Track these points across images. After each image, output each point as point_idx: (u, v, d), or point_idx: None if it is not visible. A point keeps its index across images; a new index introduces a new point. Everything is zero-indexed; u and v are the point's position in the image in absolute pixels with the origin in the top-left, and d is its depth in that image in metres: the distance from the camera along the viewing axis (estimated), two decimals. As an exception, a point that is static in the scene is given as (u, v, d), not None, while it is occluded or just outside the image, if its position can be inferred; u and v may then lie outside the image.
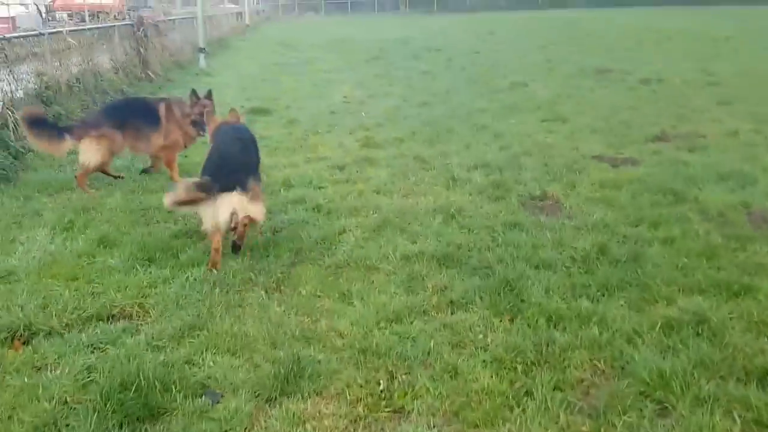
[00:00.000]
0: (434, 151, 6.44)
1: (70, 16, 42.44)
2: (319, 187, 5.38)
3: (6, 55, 6.51)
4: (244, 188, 3.72)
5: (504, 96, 9.71)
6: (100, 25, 11.58)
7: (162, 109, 5.58)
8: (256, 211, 3.80)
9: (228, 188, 3.65)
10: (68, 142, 5.19)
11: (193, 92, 5.62)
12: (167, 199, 3.69)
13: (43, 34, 7.57)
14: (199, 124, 5.48)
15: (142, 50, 11.78)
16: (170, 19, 18.15)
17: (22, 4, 40.79)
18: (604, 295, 3.22)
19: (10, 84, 6.47)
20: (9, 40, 6.87)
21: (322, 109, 9.50)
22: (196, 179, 3.79)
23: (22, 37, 7.36)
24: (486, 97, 9.70)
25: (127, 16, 15.17)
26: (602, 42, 17.92)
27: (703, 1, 48.89)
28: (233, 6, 36.79)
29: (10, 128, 6.08)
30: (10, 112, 6.32)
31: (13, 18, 34.86)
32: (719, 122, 7.44)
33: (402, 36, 26.41)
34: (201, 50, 15.16)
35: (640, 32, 20.76)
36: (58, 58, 7.77)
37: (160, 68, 12.60)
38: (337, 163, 6.14)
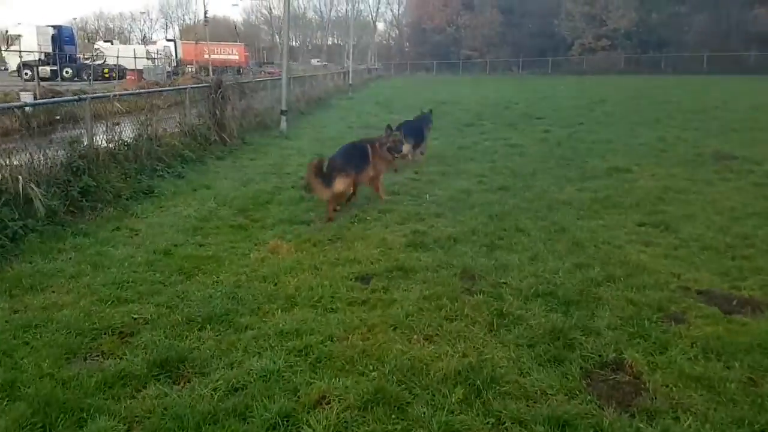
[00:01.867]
0: (490, 262, 5.13)
1: (197, 70, 45.86)
2: (328, 310, 4.25)
3: (29, 123, 6.08)
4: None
5: (598, 184, 8.20)
6: (168, 89, 11.39)
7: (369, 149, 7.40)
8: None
9: None
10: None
11: (389, 126, 7.91)
12: None
13: (84, 99, 7.21)
14: (393, 149, 7.59)
15: (217, 112, 11.46)
16: (260, 81, 18.18)
17: (149, 58, 44.47)
18: None
19: (33, 154, 6.00)
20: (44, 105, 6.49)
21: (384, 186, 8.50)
22: None
23: (58, 102, 7.00)
24: (576, 184, 8.23)
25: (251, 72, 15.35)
26: (727, 119, 15.71)
27: None
28: (336, 66, 37.77)
29: (19, 203, 5.51)
30: (31, 187, 5.81)
31: (140, 70, 37.98)
32: None
33: (506, 100, 25.30)
34: (283, 112, 14.83)
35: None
36: (105, 123, 7.37)
37: (237, 131, 12.23)
38: (366, 270, 5.00)
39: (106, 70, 40.30)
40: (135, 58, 38.18)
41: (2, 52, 43.84)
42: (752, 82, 34.57)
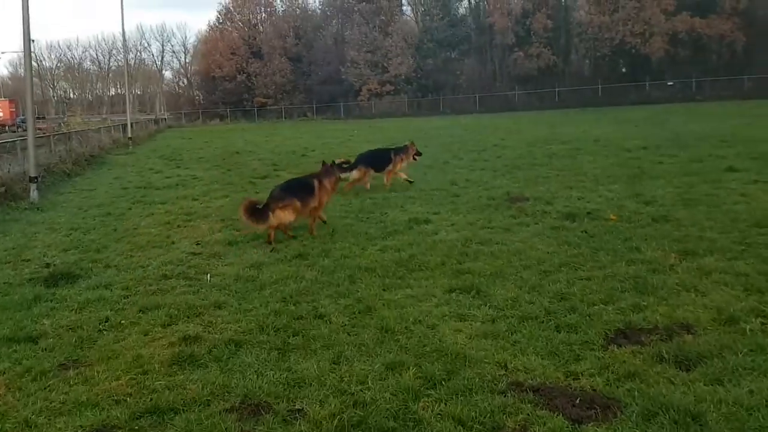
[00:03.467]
0: (282, 376, 3.91)
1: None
2: None
3: None
4: None
5: (401, 241, 7.48)
6: None
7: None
8: None
9: None
10: None
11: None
12: None
13: None
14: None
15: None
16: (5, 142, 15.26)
17: None
18: None
19: None
20: None
21: (154, 268, 6.91)
22: None
23: None
24: (378, 243, 7.42)
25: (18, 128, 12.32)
26: (509, 156, 16.55)
27: (587, 102, 51.64)
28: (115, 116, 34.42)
29: None
30: None
31: None
32: (702, 293, 4.88)
33: (302, 147, 24.58)
34: (32, 180, 12.25)
35: (548, 141, 19.86)
36: None
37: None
38: (102, 420, 3.47)
39: None
40: None
41: None
42: (520, 119, 38.49)
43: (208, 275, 6.57)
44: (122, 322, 5.17)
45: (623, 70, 59.67)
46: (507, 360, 3.93)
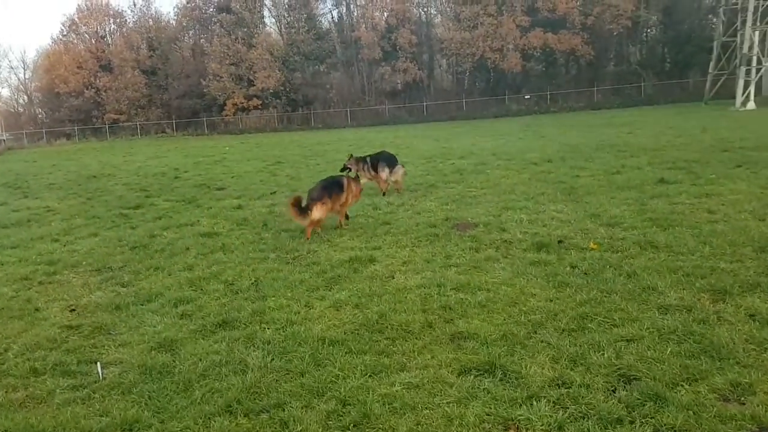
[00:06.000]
0: None
1: None
2: None
3: None
4: None
5: (353, 290, 5.94)
6: None
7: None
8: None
9: None
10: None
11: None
12: None
13: None
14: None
15: None
16: None
17: None
18: None
19: None
20: None
21: (15, 358, 4.85)
22: None
23: None
24: (318, 295, 5.82)
25: None
26: (414, 171, 15.45)
27: (452, 115, 53.09)
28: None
29: None
30: None
31: None
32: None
33: (172, 168, 21.83)
34: None
35: (445, 156, 19.08)
36: None
37: None
38: None
39: None
40: None
41: None
42: (396, 132, 38.03)
43: (99, 367, 4.58)
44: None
45: (483, 84, 62.06)
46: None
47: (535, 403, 3.53)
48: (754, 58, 39.65)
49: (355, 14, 68.27)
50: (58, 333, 5.41)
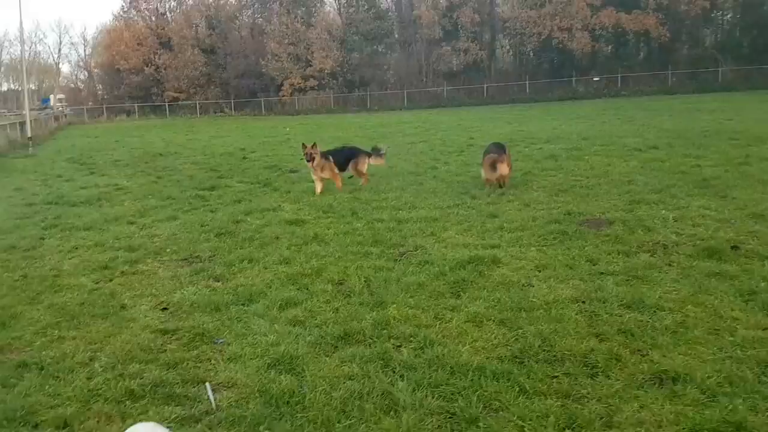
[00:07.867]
0: None
1: None
2: None
3: None
4: None
5: (491, 300, 4.96)
6: None
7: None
8: None
9: None
10: None
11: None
12: None
13: None
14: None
15: None
16: None
17: None
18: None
19: None
20: None
21: (103, 371, 4.04)
22: None
23: None
24: (462, 309, 4.86)
25: None
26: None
27: (514, 98, 50.99)
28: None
29: None
30: None
31: None
32: None
33: (237, 148, 21.25)
34: None
35: (528, 140, 17.82)
36: None
37: None
38: None
39: None
40: None
41: None
42: (458, 114, 36.70)
43: (210, 390, 3.76)
44: None
45: (548, 65, 59.62)
46: None
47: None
48: None
49: (416, -8, 66.56)
50: (152, 339, 4.64)
